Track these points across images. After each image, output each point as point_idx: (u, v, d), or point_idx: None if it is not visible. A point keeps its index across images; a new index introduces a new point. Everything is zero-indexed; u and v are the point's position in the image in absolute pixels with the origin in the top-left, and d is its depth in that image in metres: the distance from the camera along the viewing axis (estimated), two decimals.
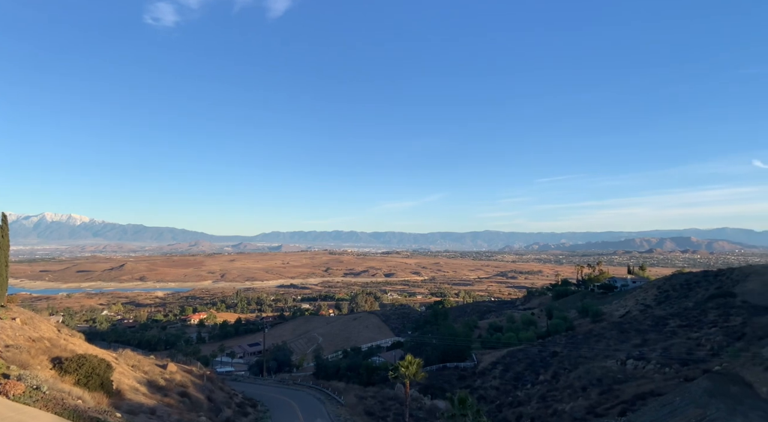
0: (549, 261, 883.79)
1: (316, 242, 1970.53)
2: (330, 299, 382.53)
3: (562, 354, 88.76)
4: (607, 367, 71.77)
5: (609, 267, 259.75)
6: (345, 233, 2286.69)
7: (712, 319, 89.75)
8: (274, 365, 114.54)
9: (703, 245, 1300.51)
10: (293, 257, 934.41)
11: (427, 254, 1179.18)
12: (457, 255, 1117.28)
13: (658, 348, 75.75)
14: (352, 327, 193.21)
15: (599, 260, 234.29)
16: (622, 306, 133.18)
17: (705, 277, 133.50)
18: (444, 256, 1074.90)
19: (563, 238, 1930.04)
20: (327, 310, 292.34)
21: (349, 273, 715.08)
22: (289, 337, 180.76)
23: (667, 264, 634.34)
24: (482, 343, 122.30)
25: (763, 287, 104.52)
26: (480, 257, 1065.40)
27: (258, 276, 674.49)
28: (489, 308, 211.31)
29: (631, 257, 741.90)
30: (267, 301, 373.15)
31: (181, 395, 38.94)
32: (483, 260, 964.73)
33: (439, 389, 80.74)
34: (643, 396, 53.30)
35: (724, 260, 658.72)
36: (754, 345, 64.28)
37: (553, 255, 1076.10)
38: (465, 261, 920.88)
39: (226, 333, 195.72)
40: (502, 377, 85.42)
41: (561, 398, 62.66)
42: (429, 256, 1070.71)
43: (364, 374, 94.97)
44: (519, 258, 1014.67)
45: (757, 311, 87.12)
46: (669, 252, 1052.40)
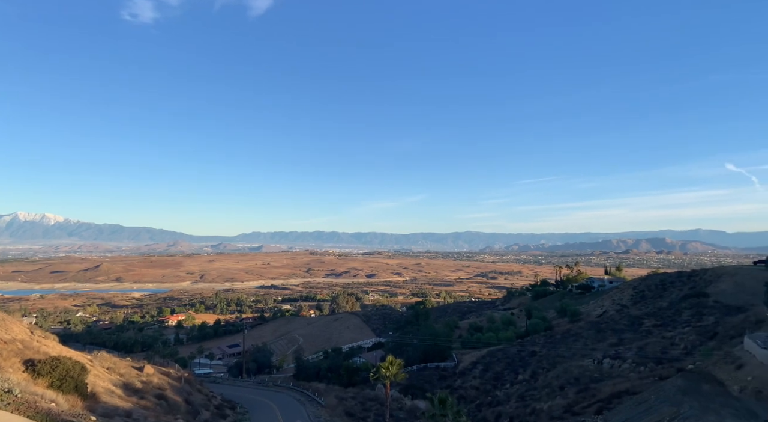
0: (528, 262, 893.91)
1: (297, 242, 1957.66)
2: (311, 299, 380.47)
3: (541, 354, 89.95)
4: (584, 366, 72.98)
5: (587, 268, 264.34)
6: (326, 233, 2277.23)
7: (686, 319, 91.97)
8: (253, 366, 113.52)
9: (677, 246, 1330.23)
10: (274, 258, 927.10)
11: (409, 254, 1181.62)
12: (438, 256, 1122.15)
13: (633, 348, 77.33)
14: (333, 327, 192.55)
15: (577, 261, 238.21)
16: (600, 306, 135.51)
17: (679, 277, 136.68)
18: (425, 257, 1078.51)
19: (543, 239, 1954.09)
20: (308, 311, 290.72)
21: (330, 274, 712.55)
22: (269, 338, 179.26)
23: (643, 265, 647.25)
24: (462, 343, 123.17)
25: (734, 288, 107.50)
26: (461, 257, 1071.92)
27: (238, 277, 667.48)
28: (469, 309, 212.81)
29: (608, 258, 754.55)
30: (247, 302, 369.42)
31: (158, 397, 38.33)
32: (464, 260, 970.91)
33: (420, 389, 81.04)
34: (619, 394, 54.30)
35: (698, 261, 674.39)
36: (726, 344, 66.11)
37: (533, 256, 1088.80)
38: (446, 262, 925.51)
39: (205, 335, 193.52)
40: (482, 376, 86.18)
41: (539, 397, 63.49)
42: (410, 257, 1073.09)
43: (344, 375, 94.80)
44: (499, 259, 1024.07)
45: (729, 311, 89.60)
46: (645, 253, 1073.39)
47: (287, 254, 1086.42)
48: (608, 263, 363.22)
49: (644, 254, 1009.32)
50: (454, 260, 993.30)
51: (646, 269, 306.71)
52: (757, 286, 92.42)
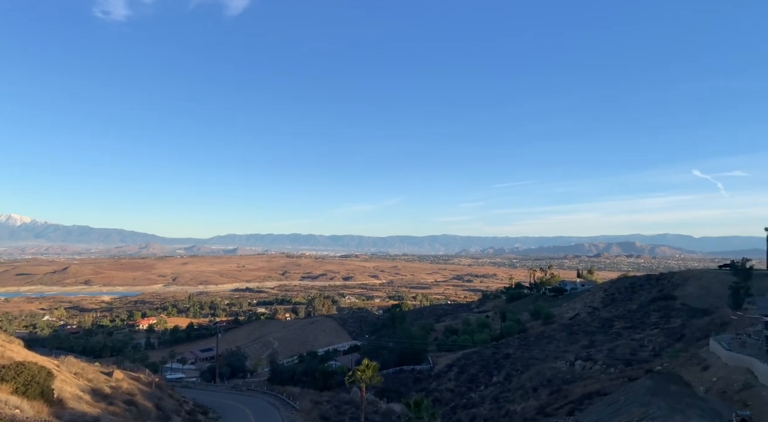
0: (504, 265, 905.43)
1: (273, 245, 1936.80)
2: (287, 303, 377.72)
3: (515, 356, 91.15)
4: (556, 368, 74.26)
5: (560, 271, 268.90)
6: (303, 236, 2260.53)
7: (654, 321, 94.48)
8: (227, 371, 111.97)
9: (646, 250, 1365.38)
10: (249, 261, 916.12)
11: (386, 257, 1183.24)
12: (415, 259, 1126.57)
13: (604, 349, 79.05)
14: (308, 331, 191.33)
15: (551, 264, 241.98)
16: (572, 309, 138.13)
17: (648, 281, 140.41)
18: (402, 260, 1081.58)
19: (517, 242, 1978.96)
20: (283, 314, 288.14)
21: (306, 277, 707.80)
22: (243, 342, 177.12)
23: (614, 268, 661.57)
24: (438, 346, 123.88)
25: (700, 291, 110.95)
26: (437, 260, 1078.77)
27: (212, 280, 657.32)
28: (445, 312, 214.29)
29: (580, 261, 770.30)
30: (221, 305, 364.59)
31: (127, 403, 37.50)
32: (440, 263, 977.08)
33: (396, 392, 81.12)
34: (590, 395, 55.43)
35: (666, 264, 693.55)
36: (693, 345, 68.21)
37: (508, 259, 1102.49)
38: (423, 265, 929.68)
39: (177, 339, 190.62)
40: (457, 379, 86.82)
41: (513, 399, 64.30)
42: (387, 259, 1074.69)
43: (320, 378, 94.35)
44: (475, 262, 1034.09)
45: (695, 314, 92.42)
46: (615, 257, 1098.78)
47: (263, 256, 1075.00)
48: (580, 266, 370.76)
49: (615, 258, 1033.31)
50: (431, 263, 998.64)
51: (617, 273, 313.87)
52: (722, 289, 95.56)
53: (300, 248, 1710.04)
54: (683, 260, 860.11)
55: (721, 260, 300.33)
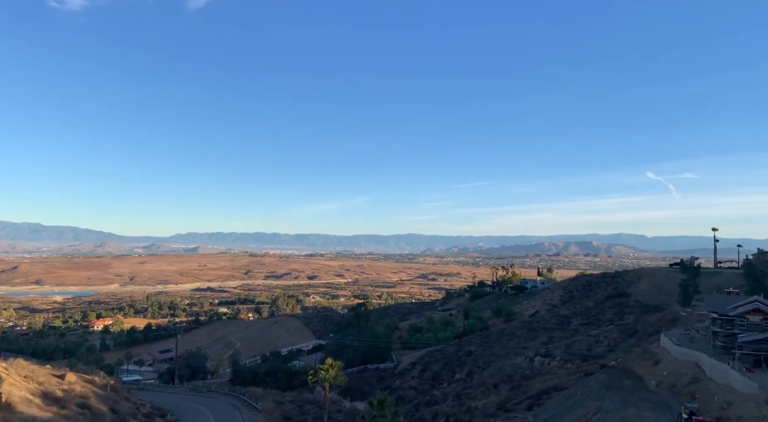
0: (467, 264, 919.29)
1: (236, 244, 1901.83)
2: (250, 302, 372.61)
3: (477, 353, 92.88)
4: (517, 364, 76.11)
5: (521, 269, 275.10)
6: (267, 234, 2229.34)
7: (609, 317, 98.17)
8: (187, 372, 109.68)
9: (602, 249, 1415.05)
10: (211, 260, 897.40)
11: (351, 256, 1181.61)
12: (380, 258, 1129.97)
13: (562, 345, 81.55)
14: (272, 330, 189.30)
15: (512, 263, 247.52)
16: (532, 306, 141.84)
17: (604, 279, 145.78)
18: (368, 258, 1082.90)
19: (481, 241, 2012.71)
20: (246, 314, 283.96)
21: (270, 276, 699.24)
22: (204, 343, 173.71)
23: (572, 267, 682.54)
24: (402, 344, 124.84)
25: (652, 288, 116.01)
26: (403, 259, 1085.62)
27: (172, 279, 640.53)
28: (410, 310, 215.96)
29: (540, 260, 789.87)
30: (181, 305, 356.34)
31: (81, 406, 36.23)
32: (405, 262, 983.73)
33: (360, 391, 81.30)
34: (548, 390, 57.11)
35: (621, 263, 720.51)
36: (645, 341, 71.23)
37: (471, 258, 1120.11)
38: (388, 264, 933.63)
39: (134, 340, 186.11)
40: (421, 377, 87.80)
41: (475, 395, 65.52)
42: (353, 258, 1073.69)
43: (283, 378, 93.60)
44: (439, 261, 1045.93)
45: (647, 310, 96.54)
46: (574, 255, 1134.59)
47: (225, 255, 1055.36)
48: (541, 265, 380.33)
49: (573, 257, 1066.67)
50: (396, 262, 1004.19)
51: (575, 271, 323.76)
52: (672, 287, 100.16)
53: (264, 247, 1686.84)
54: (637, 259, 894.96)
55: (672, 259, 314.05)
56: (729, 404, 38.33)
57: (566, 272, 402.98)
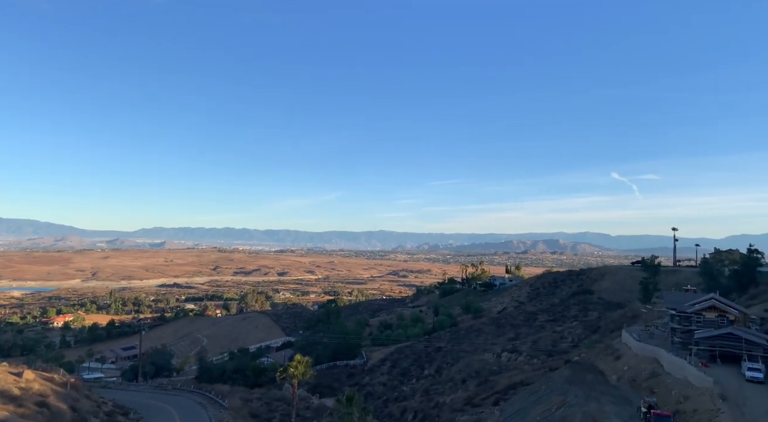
0: (438, 261, 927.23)
1: (204, 239, 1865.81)
2: (218, 298, 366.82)
3: (446, 349, 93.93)
4: (484, 360, 77.31)
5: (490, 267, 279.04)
6: (236, 230, 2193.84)
7: (574, 314, 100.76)
8: (151, 369, 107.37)
9: (569, 247, 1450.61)
10: (178, 255, 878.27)
11: (322, 253, 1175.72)
12: (351, 254, 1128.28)
13: (528, 341, 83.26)
14: (240, 327, 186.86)
15: (482, 260, 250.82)
16: (500, 303, 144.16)
17: (569, 276, 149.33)
18: (339, 255, 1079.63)
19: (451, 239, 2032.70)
20: (214, 310, 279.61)
21: (239, 272, 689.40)
22: (170, 339, 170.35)
23: (539, 264, 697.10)
24: (372, 340, 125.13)
25: (615, 286, 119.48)
26: (374, 256, 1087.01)
27: (136, 275, 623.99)
28: (380, 307, 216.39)
29: (509, 258, 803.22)
30: (146, 301, 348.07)
31: (39, 405, 35.11)
32: (377, 259, 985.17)
33: (329, 387, 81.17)
34: (514, 386, 58.23)
35: (585, 261, 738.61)
36: (607, 336, 73.35)
37: (442, 255, 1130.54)
38: (359, 260, 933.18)
39: (97, 337, 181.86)
40: (390, 373, 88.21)
41: (443, 391, 66.26)
42: (324, 255, 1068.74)
43: (251, 375, 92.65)
44: (410, 258, 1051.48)
45: (610, 307, 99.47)
46: (541, 253, 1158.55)
47: (193, 251, 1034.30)
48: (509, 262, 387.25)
49: (540, 254, 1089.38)
50: (367, 258, 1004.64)
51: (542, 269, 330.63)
52: (633, 284, 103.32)
53: (233, 242, 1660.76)
54: (601, 257, 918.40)
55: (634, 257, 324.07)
56: (685, 398, 39.85)
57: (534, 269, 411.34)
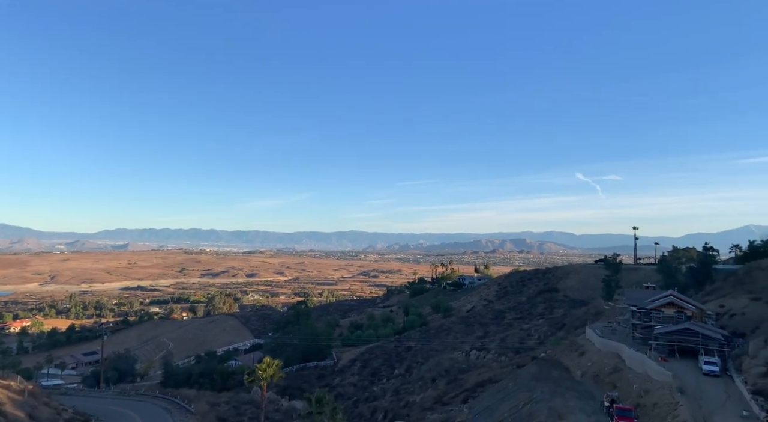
0: (408, 261, 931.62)
1: (170, 240, 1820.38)
2: (184, 301, 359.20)
3: (416, 348, 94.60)
4: (454, 358, 78.19)
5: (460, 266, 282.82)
6: (204, 231, 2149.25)
7: (540, 311, 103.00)
8: (114, 375, 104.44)
9: (535, 247, 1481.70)
10: (142, 257, 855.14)
11: (292, 253, 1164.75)
12: (322, 255, 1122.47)
13: (497, 339, 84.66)
14: (207, 330, 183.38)
15: (451, 260, 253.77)
16: (469, 302, 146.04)
17: (536, 275, 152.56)
18: (309, 256, 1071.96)
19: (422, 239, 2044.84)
20: (180, 313, 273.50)
21: (206, 274, 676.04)
22: (133, 344, 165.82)
23: (507, 263, 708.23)
24: (343, 341, 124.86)
25: (579, 284, 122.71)
26: (345, 256, 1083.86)
27: (98, 278, 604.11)
28: (351, 307, 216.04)
29: (478, 257, 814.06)
30: (108, 305, 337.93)
31: None
32: (347, 259, 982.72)
33: (299, 389, 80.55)
34: (483, 383, 59.11)
35: (551, 260, 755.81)
36: (572, 333, 75.27)
37: (412, 255, 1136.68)
38: (330, 261, 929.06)
39: (56, 342, 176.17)
40: (360, 373, 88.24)
41: (413, 390, 66.71)
42: (294, 256, 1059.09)
43: (218, 379, 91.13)
44: (381, 258, 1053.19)
45: (575, 304, 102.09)
46: (509, 252, 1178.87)
47: (158, 252, 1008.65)
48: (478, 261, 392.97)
49: (508, 254, 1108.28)
50: (338, 259, 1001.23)
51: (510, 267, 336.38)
52: (597, 282, 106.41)
53: (200, 244, 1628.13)
54: (566, 255, 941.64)
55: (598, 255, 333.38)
56: (646, 392, 41.30)
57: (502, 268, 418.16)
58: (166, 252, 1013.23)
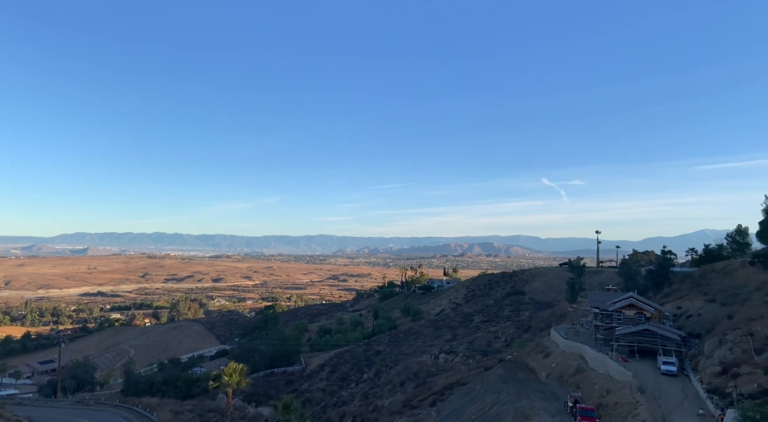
0: (378, 264, 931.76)
1: (132, 244, 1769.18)
2: (147, 307, 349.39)
3: (385, 352, 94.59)
4: (422, 362, 78.52)
5: (429, 270, 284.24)
6: (168, 235, 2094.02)
7: (507, 314, 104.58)
8: (72, 384, 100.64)
9: (502, 250, 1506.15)
10: (103, 262, 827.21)
11: (261, 257, 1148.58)
12: (291, 259, 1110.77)
13: (465, 342, 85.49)
14: (171, 336, 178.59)
15: (421, 264, 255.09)
16: (438, 305, 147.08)
17: (503, 278, 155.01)
18: (278, 260, 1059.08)
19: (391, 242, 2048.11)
20: (142, 320, 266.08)
21: (171, 279, 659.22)
22: (93, 352, 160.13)
23: (475, 266, 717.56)
24: (312, 346, 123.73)
25: (545, 286, 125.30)
26: (314, 260, 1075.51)
27: (55, 283, 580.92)
28: (320, 311, 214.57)
29: (447, 261, 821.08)
30: (66, 312, 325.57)
31: None
32: (317, 263, 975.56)
33: (266, 395, 79.33)
34: (451, 386, 59.53)
35: (518, 263, 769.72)
36: (537, 335, 76.72)
37: (382, 259, 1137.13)
38: (299, 265, 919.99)
39: (10, 350, 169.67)
40: (329, 378, 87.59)
41: (382, 394, 66.60)
42: (262, 260, 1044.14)
43: (182, 387, 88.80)
44: (351, 262, 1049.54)
45: (540, 307, 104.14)
46: (477, 256, 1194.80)
47: (119, 257, 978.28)
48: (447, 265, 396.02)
49: (476, 257, 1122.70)
50: (307, 263, 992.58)
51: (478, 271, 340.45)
52: (561, 284, 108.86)
53: (165, 248, 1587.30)
54: (532, 259, 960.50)
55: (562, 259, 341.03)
56: (607, 391, 42.45)
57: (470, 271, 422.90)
58: (129, 257, 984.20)
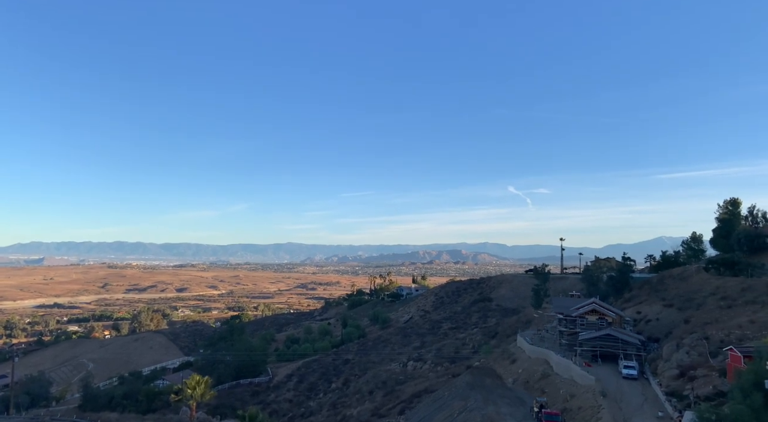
0: (347, 272, 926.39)
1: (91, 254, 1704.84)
2: (107, 319, 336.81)
3: (354, 361, 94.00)
4: (391, 370, 78.37)
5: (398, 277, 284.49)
6: (129, 244, 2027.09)
7: (475, 321, 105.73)
8: (26, 400, 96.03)
9: (470, 257, 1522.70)
10: (60, 272, 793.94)
11: (227, 266, 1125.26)
12: (258, 268, 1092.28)
13: (433, 349, 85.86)
14: (132, 348, 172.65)
15: (390, 271, 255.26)
16: (407, 312, 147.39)
17: (471, 285, 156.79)
18: (244, 269, 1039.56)
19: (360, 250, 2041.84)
20: (102, 332, 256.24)
21: (132, 289, 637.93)
22: (49, 366, 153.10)
23: (444, 274, 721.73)
24: (278, 356, 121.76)
25: (511, 293, 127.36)
26: (282, 269, 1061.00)
27: (8, 295, 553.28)
28: (288, 321, 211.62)
29: (415, 268, 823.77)
30: (20, 324, 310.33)
31: None
32: (285, 272, 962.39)
33: (231, 408, 77.44)
34: (419, 394, 59.60)
35: (485, 270, 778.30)
36: (504, 341, 77.80)
37: (351, 267, 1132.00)
38: (266, 274, 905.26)
39: None
40: (297, 388, 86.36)
41: (350, 403, 66.05)
42: (228, 269, 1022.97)
43: (143, 400, 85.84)
44: (319, 270, 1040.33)
45: (507, 313, 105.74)
46: (445, 263, 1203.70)
47: (78, 267, 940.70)
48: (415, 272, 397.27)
49: (445, 264, 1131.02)
50: (275, 271, 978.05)
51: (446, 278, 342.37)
52: (527, 291, 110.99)
53: (126, 257, 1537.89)
54: (499, 266, 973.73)
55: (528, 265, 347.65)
56: (572, 396, 43.34)
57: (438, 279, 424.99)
58: (87, 267, 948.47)
